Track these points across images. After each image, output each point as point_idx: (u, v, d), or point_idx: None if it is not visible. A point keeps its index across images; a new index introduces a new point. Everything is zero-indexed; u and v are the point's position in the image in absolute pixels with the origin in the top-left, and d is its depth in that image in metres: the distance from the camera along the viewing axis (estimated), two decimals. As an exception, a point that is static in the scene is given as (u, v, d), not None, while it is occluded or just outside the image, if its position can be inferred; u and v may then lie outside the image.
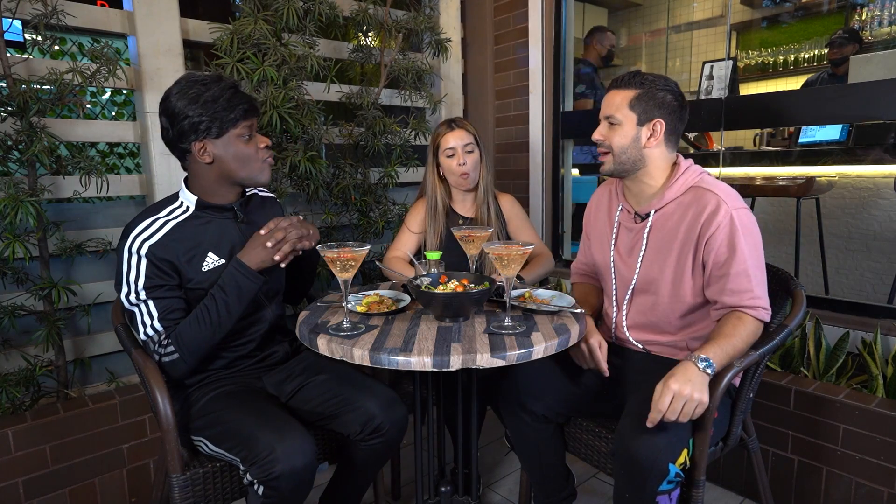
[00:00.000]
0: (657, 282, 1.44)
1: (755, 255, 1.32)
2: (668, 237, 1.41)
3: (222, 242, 1.41)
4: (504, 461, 2.21)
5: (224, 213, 1.44)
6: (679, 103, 1.39)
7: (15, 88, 1.67)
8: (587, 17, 3.67)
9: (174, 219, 1.38)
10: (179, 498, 1.28)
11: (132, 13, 1.99)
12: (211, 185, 1.40)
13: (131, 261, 1.32)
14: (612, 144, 1.41)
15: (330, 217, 2.44)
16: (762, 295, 1.32)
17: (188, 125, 1.31)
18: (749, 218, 1.33)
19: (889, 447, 1.61)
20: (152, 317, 1.33)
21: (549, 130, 2.94)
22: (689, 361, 1.21)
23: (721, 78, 2.73)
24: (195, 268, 1.37)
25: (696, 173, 1.41)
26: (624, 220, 1.53)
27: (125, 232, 1.34)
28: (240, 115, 1.34)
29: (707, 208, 1.33)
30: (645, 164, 1.41)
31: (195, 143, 1.34)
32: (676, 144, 1.44)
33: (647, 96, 1.37)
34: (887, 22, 3.17)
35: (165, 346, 1.33)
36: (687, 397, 1.16)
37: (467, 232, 1.49)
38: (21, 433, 1.65)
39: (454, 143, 1.88)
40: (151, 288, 1.32)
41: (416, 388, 1.48)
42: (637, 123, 1.38)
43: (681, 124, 1.42)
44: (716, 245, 1.32)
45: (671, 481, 1.20)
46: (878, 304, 2.03)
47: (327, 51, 2.48)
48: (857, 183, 2.92)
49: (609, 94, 1.43)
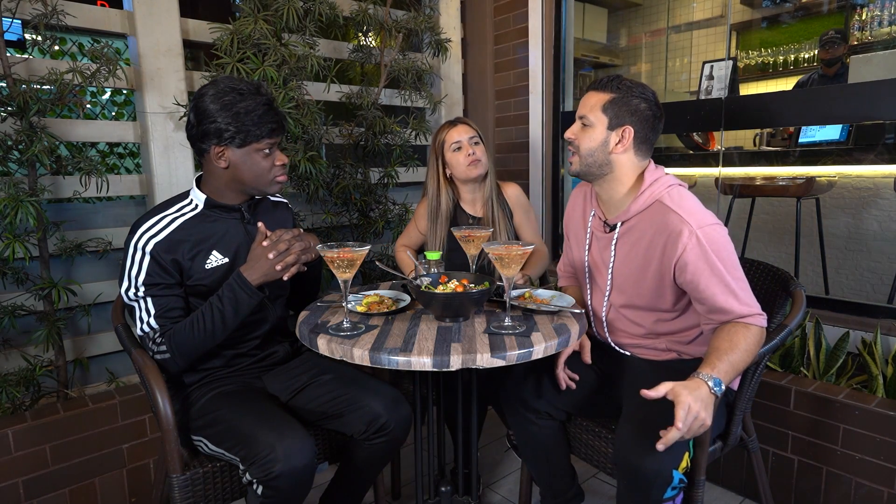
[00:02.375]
0: (629, 293, 1.43)
1: (732, 268, 1.28)
2: (634, 249, 1.39)
3: (228, 242, 1.42)
4: (504, 461, 2.21)
5: (231, 214, 1.45)
6: (653, 113, 1.37)
7: (15, 88, 1.67)
8: (587, 17, 3.67)
9: (182, 216, 1.40)
10: (179, 498, 1.28)
11: (132, 13, 1.99)
12: (222, 186, 1.42)
13: (135, 256, 1.33)
14: (580, 146, 1.40)
15: (330, 217, 2.44)
16: (751, 303, 1.29)
17: (213, 129, 1.33)
18: (717, 234, 1.28)
19: (889, 447, 1.61)
20: (149, 313, 1.34)
21: (549, 130, 2.94)
22: (702, 381, 1.16)
23: (721, 78, 2.73)
24: (199, 265, 1.38)
25: (663, 186, 1.37)
26: (595, 227, 1.51)
27: (133, 228, 1.36)
28: (266, 132, 1.36)
29: (668, 230, 1.30)
30: (612, 170, 1.39)
31: (215, 147, 1.35)
32: (648, 154, 1.41)
33: (620, 101, 1.35)
34: (887, 22, 3.17)
35: (159, 344, 1.34)
36: (702, 421, 1.12)
37: (467, 232, 1.49)
38: (21, 433, 1.65)
39: (459, 136, 1.88)
40: (150, 285, 1.33)
41: (416, 388, 1.48)
42: (607, 127, 1.37)
43: (653, 134, 1.39)
44: (688, 268, 1.28)
45: (675, 487, 1.20)
46: (878, 304, 2.03)
47: (327, 51, 2.48)
48: (857, 183, 2.92)
49: (586, 95, 1.42)
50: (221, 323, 1.34)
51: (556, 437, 1.53)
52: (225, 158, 1.37)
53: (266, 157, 1.39)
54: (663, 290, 1.37)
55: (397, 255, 2.07)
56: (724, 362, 1.19)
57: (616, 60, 4.17)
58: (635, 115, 1.36)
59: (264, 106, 1.35)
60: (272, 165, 1.40)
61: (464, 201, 1.99)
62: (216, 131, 1.33)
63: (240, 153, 1.36)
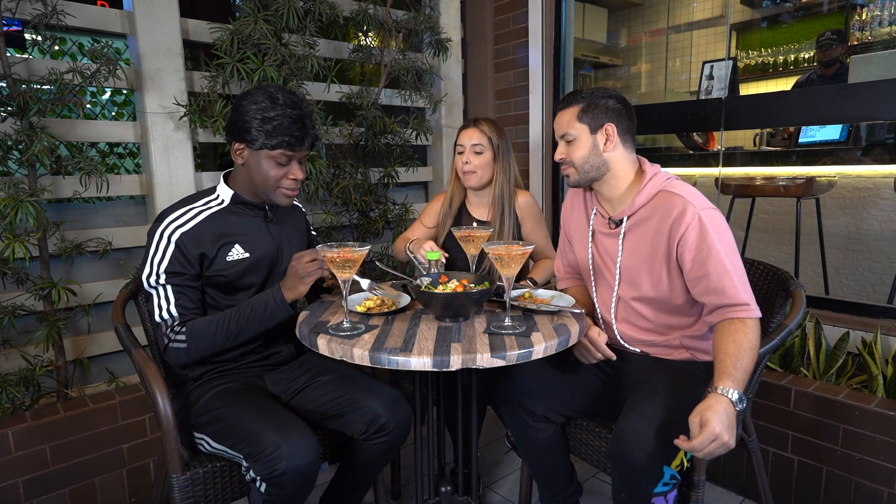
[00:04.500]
0: (639, 285, 1.45)
1: (730, 252, 1.32)
2: (642, 241, 1.43)
3: (250, 238, 1.47)
4: (504, 461, 2.21)
5: (256, 211, 1.50)
6: (623, 105, 1.44)
7: (15, 88, 1.67)
8: (587, 17, 3.67)
9: (209, 209, 1.45)
10: (179, 498, 1.28)
11: (132, 13, 1.99)
12: (243, 184, 1.48)
13: (160, 244, 1.37)
14: (573, 159, 1.45)
15: (330, 217, 2.44)
16: (746, 291, 1.30)
17: (240, 126, 1.40)
18: (718, 217, 1.35)
19: (889, 447, 1.61)
20: (168, 301, 1.38)
21: (549, 130, 2.94)
22: (728, 399, 1.13)
23: (721, 78, 2.73)
24: (221, 256, 1.42)
25: (663, 178, 1.43)
26: (599, 225, 1.53)
27: (160, 217, 1.41)
28: (281, 143, 1.39)
29: (674, 211, 1.35)
30: (609, 168, 1.44)
31: (236, 143, 1.43)
32: (633, 144, 1.47)
33: (591, 106, 1.42)
34: (887, 22, 3.17)
35: (177, 333, 1.37)
36: (725, 445, 1.10)
37: (467, 232, 1.49)
38: (21, 433, 1.65)
39: (463, 141, 1.88)
40: (172, 273, 1.37)
41: (416, 388, 1.48)
42: (590, 132, 1.43)
43: (631, 124, 1.45)
44: (688, 245, 1.32)
45: (666, 483, 1.20)
46: (878, 304, 2.03)
47: (327, 51, 2.48)
48: (857, 183, 2.92)
49: (557, 117, 1.48)
50: (247, 328, 1.39)
51: (554, 438, 1.53)
52: (242, 156, 1.43)
53: (278, 167, 1.43)
54: (672, 279, 1.39)
55: (395, 246, 2.04)
56: (738, 370, 1.18)
57: (616, 60, 4.17)
58: (609, 111, 1.42)
59: (290, 118, 1.39)
60: (283, 177, 1.44)
61: (470, 203, 1.98)
62: (241, 129, 1.39)
63: (255, 155, 1.41)
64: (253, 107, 1.38)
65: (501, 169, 1.88)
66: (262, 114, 1.37)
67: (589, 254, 1.56)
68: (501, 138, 1.88)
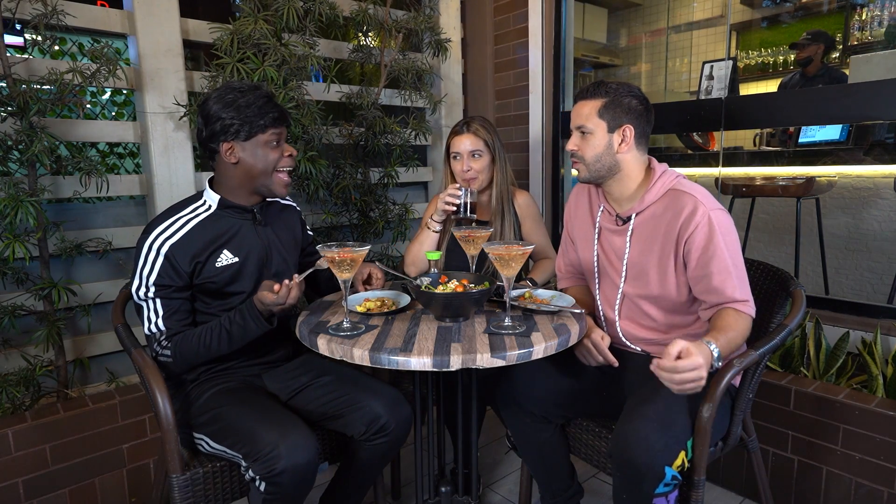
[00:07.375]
0: (645, 282, 1.45)
1: (734, 254, 1.34)
2: (650, 239, 1.43)
3: (239, 242, 1.46)
4: (504, 461, 2.21)
5: (244, 215, 1.49)
6: (644, 107, 1.43)
7: (15, 88, 1.67)
8: (587, 17, 3.67)
9: (196, 217, 1.44)
10: (179, 498, 1.28)
11: (132, 13, 1.99)
12: (234, 186, 1.46)
13: (149, 256, 1.36)
14: (585, 155, 1.44)
15: (330, 217, 2.44)
16: (746, 291, 1.34)
17: (220, 127, 1.38)
18: (727, 219, 1.36)
19: (889, 447, 1.61)
20: (157, 314, 1.37)
21: (549, 130, 2.94)
22: (710, 350, 1.18)
23: (721, 78, 2.73)
24: (210, 263, 1.41)
25: (672, 176, 1.44)
26: (606, 222, 1.53)
27: (147, 229, 1.39)
28: (269, 122, 1.40)
29: (685, 210, 1.35)
30: (620, 169, 1.44)
31: (223, 144, 1.40)
32: (646, 147, 1.47)
33: (614, 104, 1.40)
34: (887, 22, 3.17)
35: (164, 347, 1.37)
36: (698, 376, 1.12)
37: (467, 232, 1.49)
38: (21, 433, 1.65)
39: (460, 147, 1.86)
40: (160, 286, 1.36)
41: (416, 388, 1.48)
42: (608, 130, 1.41)
43: (648, 127, 1.45)
44: (695, 244, 1.34)
45: (668, 483, 1.20)
46: (878, 304, 2.03)
47: (327, 51, 2.48)
48: (857, 183, 2.92)
49: (577, 106, 1.46)
50: (227, 344, 1.38)
51: (554, 439, 1.53)
52: (234, 154, 1.41)
53: (274, 149, 1.43)
54: (678, 276, 1.40)
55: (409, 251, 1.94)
56: (725, 339, 1.23)
57: (616, 60, 4.18)
58: (630, 112, 1.40)
59: (263, 98, 1.40)
60: (280, 157, 1.44)
61: None
62: (223, 128, 1.38)
63: (248, 147, 1.41)
64: (221, 105, 1.38)
65: (499, 168, 1.89)
66: (235, 104, 1.37)
67: (594, 251, 1.56)
68: (495, 138, 1.89)
